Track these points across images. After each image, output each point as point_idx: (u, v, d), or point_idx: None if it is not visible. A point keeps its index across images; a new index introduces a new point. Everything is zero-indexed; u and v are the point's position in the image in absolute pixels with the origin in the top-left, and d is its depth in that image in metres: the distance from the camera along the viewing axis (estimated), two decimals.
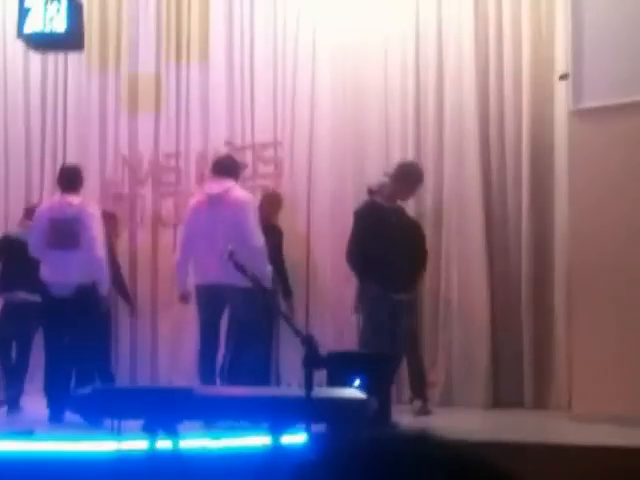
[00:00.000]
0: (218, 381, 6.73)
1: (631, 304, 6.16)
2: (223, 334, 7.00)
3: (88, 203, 6.97)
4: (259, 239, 6.57)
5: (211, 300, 6.61)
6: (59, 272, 6.67)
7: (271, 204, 7.77)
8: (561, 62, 7.15)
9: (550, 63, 7.49)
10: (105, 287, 6.78)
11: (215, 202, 6.59)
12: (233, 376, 6.63)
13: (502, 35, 7.74)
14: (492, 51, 7.76)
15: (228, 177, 6.73)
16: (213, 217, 6.54)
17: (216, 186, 6.69)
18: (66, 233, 6.70)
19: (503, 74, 7.71)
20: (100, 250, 6.71)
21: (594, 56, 6.43)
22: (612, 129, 6.32)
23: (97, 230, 6.75)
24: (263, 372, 6.80)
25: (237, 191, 6.72)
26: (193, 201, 7.00)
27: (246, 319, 6.58)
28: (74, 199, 6.85)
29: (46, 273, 6.77)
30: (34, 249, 6.87)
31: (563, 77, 6.80)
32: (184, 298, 6.92)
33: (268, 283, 6.52)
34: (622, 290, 6.19)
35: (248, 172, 8.06)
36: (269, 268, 6.64)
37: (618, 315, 6.18)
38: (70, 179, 6.98)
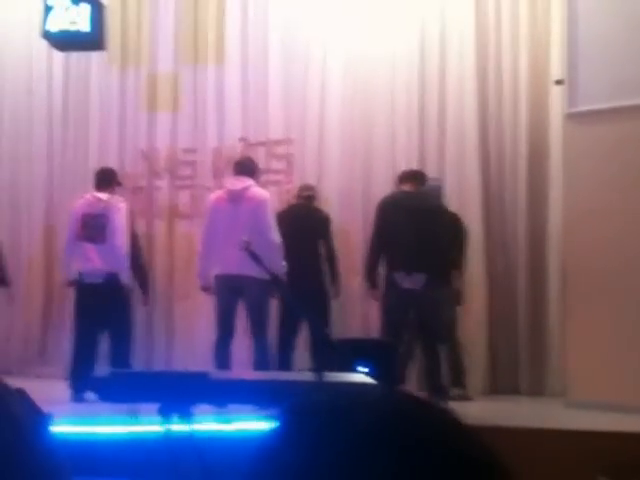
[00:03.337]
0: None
1: (624, 294, 6.17)
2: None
3: (116, 199, 7.14)
4: (276, 235, 6.59)
5: (229, 289, 6.61)
6: (88, 263, 6.91)
7: None
8: (557, 67, 7.23)
9: (546, 68, 7.58)
10: (125, 275, 6.95)
11: (236, 198, 6.65)
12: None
13: (501, 42, 7.86)
14: (491, 57, 7.88)
15: (248, 176, 6.81)
16: (234, 211, 6.59)
17: (237, 183, 6.76)
18: (95, 227, 6.93)
19: (502, 79, 7.84)
20: (119, 240, 6.90)
21: (589, 61, 6.44)
22: (606, 132, 6.34)
23: (119, 222, 6.94)
24: (268, 359, 6.69)
25: (256, 188, 6.80)
26: (213, 196, 6.99)
27: (259, 308, 6.60)
28: (103, 195, 7.07)
29: (78, 263, 7.01)
30: (67, 242, 7.14)
31: (559, 82, 6.85)
32: (206, 289, 6.91)
33: (283, 278, 6.54)
34: (615, 280, 6.21)
35: (261, 167, 7.95)
36: (284, 264, 6.61)
37: (611, 304, 6.20)
38: (101, 179, 7.21)
